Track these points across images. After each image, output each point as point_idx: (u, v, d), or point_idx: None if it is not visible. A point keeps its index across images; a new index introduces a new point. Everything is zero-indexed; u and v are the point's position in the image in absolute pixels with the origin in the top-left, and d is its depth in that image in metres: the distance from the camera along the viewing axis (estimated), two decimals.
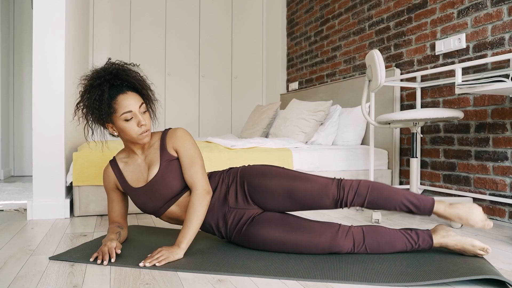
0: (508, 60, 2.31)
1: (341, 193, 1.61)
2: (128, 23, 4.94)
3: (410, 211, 1.60)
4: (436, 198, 1.61)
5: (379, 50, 3.43)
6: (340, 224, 1.61)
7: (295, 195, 1.64)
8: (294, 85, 4.89)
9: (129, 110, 1.58)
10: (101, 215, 2.50)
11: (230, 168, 1.80)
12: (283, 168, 1.73)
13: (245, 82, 5.45)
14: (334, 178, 1.67)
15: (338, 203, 1.62)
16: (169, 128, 1.75)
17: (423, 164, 2.94)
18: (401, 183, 3.15)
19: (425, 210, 1.59)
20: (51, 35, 2.45)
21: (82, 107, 1.62)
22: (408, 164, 3.10)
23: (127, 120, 1.59)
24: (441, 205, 1.59)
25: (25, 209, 2.62)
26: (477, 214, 1.56)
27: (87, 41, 4.49)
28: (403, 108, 3.14)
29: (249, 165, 1.79)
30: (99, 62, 4.96)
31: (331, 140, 3.44)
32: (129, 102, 1.59)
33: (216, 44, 5.32)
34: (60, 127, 2.44)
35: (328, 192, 1.61)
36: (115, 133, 1.66)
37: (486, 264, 1.47)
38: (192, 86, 5.22)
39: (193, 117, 5.22)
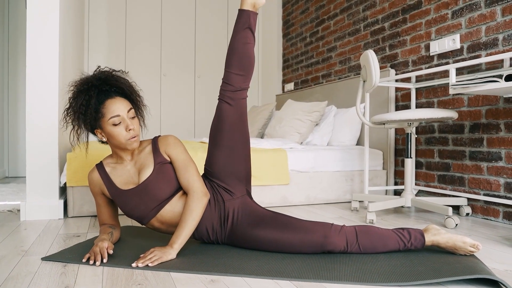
0: (502, 61, 2.32)
1: (223, 92, 1.77)
2: (123, 24, 4.93)
3: (247, 21, 1.76)
4: None
5: (374, 50, 3.43)
6: (332, 224, 1.61)
7: (222, 138, 1.75)
8: (290, 86, 4.89)
9: (117, 115, 1.58)
10: (95, 216, 2.49)
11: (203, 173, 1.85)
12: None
13: None
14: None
15: (229, 99, 1.77)
16: (159, 136, 1.75)
17: (418, 165, 2.94)
18: (396, 183, 3.16)
19: (244, 17, 1.76)
20: (45, 35, 2.44)
21: (70, 112, 1.62)
22: (403, 165, 3.10)
23: (115, 125, 1.59)
24: (247, 5, 1.76)
25: (19, 210, 2.61)
26: None
27: (82, 41, 4.47)
28: (398, 108, 3.14)
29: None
30: (95, 62, 4.95)
31: (326, 140, 3.44)
32: (117, 106, 1.59)
33: (212, 44, 5.31)
34: (53, 127, 2.43)
35: (221, 105, 1.78)
36: (104, 139, 1.65)
37: (479, 264, 1.47)
38: (187, 87, 5.21)
39: (189, 118, 5.21)
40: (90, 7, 4.81)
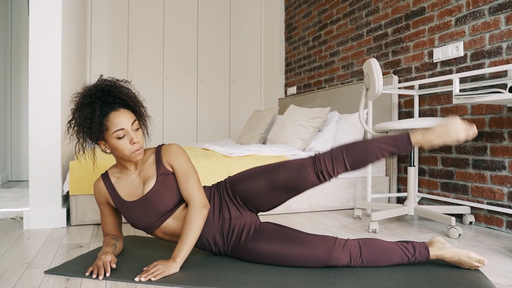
0: (506, 70, 2.30)
1: (318, 165, 1.60)
2: (126, 27, 4.93)
3: (393, 153, 1.59)
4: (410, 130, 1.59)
5: (377, 56, 3.42)
6: (336, 237, 1.61)
7: (278, 185, 1.64)
8: (292, 90, 4.88)
9: (122, 128, 1.57)
10: (98, 224, 2.49)
11: (218, 183, 1.80)
12: (258, 167, 1.73)
13: (243, 87, 5.44)
14: (309, 156, 1.66)
15: (320, 175, 1.61)
16: (162, 144, 1.75)
17: (421, 172, 2.93)
18: (399, 190, 3.15)
19: (405, 145, 1.57)
20: (47, 41, 2.44)
21: (73, 124, 1.61)
22: (406, 171, 3.09)
23: (119, 138, 1.58)
24: (418, 134, 1.58)
25: (22, 218, 2.61)
26: (456, 125, 1.55)
27: (85, 47, 4.48)
28: (401, 115, 3.13)
29: (231, 176, 1.78)
30: (98, 66, 4.93)
31: (329, 146, 3.43)
32: (121, 119, 1.58)
33: (214, 48, 5.31)
34: (56, 135, 2.43)
35: (307, 169, 1.61)
36: (108, 151, 1.65)
37: (483, 279, 1.47)
38: (190, 90, 5.21)
39: (191, 121, 5.21)
40: (93, 11, 4.81)
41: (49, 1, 2.44)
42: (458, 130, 1.54)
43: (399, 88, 2.98)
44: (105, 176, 1.74)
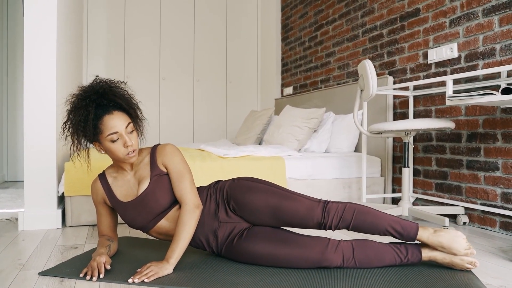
0: (499, 71, 2.32)
1: (325, 217, 1.61)
2: (122, 27, 4.93)
3: (394, 237, 1.62)
4: (421, 225, 1.62)
5: (372, 57, 3.44)
6: (329, 239, 1.62)
7: (280, 214, 1.64)
8: (289, 90, 4.89)
9: (115, 131, 1.58)
10: (93, 225, 2.49)
11: (217, 182, 1.79)
12: (269, 184, 1.72)
13: (239, 87, 5.45)
14: (320, 200, 1.66)
15: (322, 226, 1.63)
16: (158, 144, 1.75)
17: (416, 172, 2.95)
18: (393, 190, 3.16)
19: (409, 238, 1.60)
20: (42, 41, 2.44)
21: (68, 126, 1.62)
22: (401, 172, 3.10)
23: (113, 141, 1.59)
24: (425, 232, 1.60)
25: (17, 219, 2.61)
26: (460, 243, 1.57)
27: (81, 47, 4.48)
28: (396, 115, 3.15)
29: (235, 180, 1.76)
30: (94, 66, 4.93)
31: (324, 147, 3.44)
32: (115, 123, 1.58)
33: (211, 48, 5.32)
34: (51, 136, 2.44)
35: (312, 216, 1.62)
36: (102, 152, 1.66)
37: (474, 280, 1.48)
38: (186, 91, 5.21)
39: (188, 122, 5.21)
40: (89, 11, 4.81)
41: (44, 1, 2.45)
42: (460, 249, 1.57)
43: (394, 89, 2.99)
44: (102, 176, 1.75)
